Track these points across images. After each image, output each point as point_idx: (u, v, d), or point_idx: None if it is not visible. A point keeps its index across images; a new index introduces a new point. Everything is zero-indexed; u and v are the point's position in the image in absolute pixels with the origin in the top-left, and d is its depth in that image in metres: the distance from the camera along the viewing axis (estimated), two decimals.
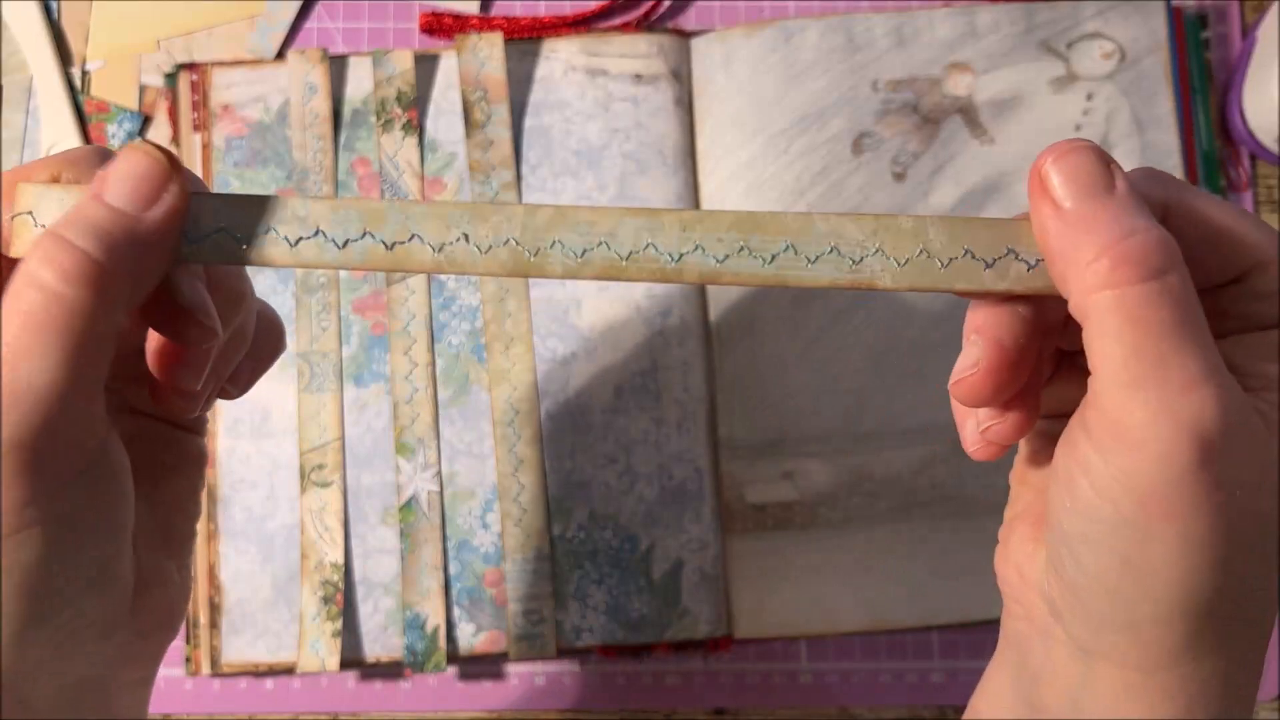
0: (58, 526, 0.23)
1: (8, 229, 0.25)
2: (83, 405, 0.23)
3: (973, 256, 0.25)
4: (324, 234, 0.25)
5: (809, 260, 0.25)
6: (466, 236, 0.25)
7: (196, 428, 0.30)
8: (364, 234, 0.25)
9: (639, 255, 0.25)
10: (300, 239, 0.25)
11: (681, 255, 0.25)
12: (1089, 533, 0.23)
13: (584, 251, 0.25)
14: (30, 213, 0.25)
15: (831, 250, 0.25)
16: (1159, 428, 0.21)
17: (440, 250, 0.25)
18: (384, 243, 0.25)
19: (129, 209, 0.24)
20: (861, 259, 0.25)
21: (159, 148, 0.24)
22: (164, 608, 0.27)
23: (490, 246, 0.25)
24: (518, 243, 0.25)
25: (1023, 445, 0.29)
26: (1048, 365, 0.27)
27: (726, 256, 0.25)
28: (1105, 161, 0.23)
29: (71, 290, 0.22)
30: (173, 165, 0.24)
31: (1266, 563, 0.23)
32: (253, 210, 0.25)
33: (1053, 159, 0.23)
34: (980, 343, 0.25)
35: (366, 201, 0.25)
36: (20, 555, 0.22)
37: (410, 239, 0.25)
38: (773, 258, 0.25)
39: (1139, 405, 0.22)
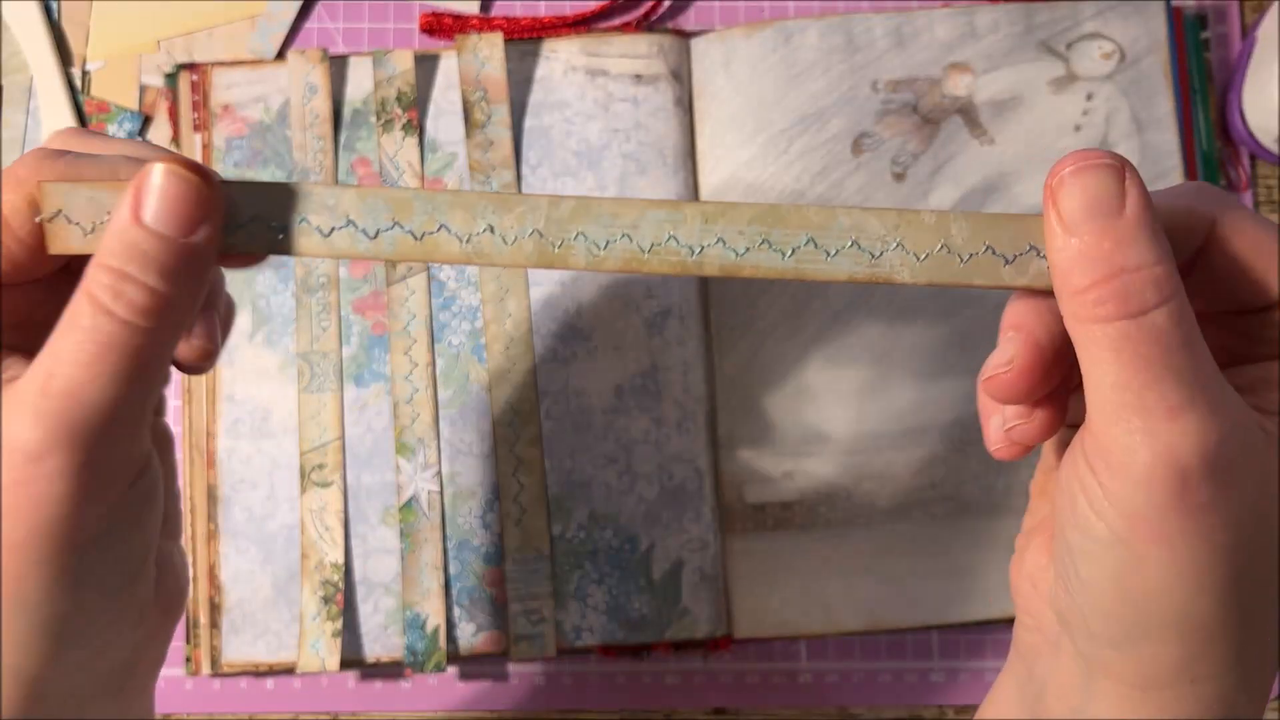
0: (111, 534, 0.25)
1: (17, 226, 0.25)
2: (141, 422, 0.25)
3: (993, 252, 0.25)
4: (354, 224, 0.26)
5: (828, 254, 0.25)
6: (492, 228, 0.26)
7: (159, 408, 0.31)
8: (393, 224, 0.26)
9: (660, 248, 0.26)
10: (333, 229, 0.26)
11: (702, 248, 0.25)
12: (1086, 548, 0.23)
13: (606, 243, 0.26)
14: (61, 212, 0.25)
15: (851, 244, 0.25)
16: (1139, 454, 0.22)
17: (468, 241, 0.26)
18: (413, 233, 0.26)
19: (178, 236, 0.24)
20: (881, 253, 0.25)
21: (190, 165, 0.25)
22: (175, 588, 0.29)
23: (516, 238, 0.26)
24: (542, 234, 0.26)
25: (1045, 456, 0.29)
26: (1077, 371, 0.27)
27: (747, 249, 0.25)
28: (1120, 179, 0.23)
29: (145, 322, 0.24)
30: (206, 181, 0.25)
31: (1271, 590, 0.23)
32: (285, 199, 0.26)
33: (1067, 172, 0.23)
34: (1017, 340, 0.25)
35: (392, 190, 0.26)
36: (79, 565, 0.24)
37: (438, 229, 0.26)
38: (792, 251, 0.25)
39: (1122, 432, 0.22)
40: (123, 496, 0.25)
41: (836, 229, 0.25)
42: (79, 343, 0.23)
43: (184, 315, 0.25)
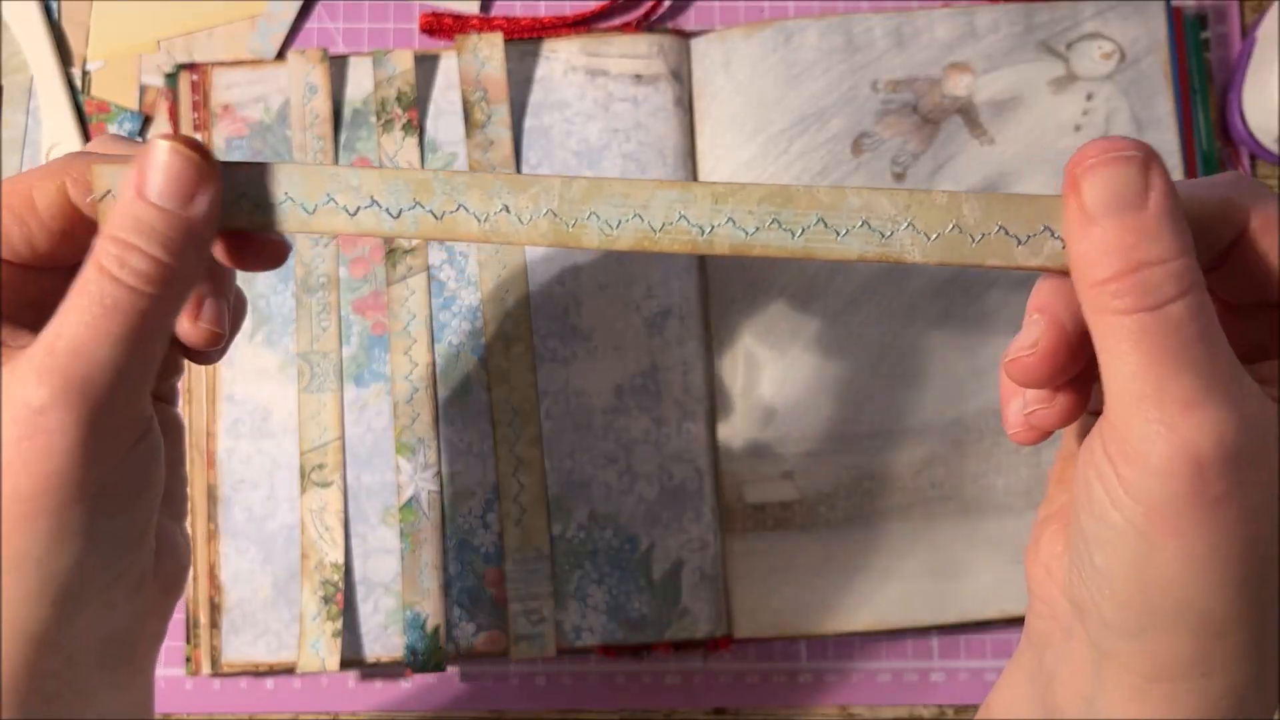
0: (113, 495, 0.26)
1: (45, 212, 0.27)
2: (142, 386, 0.26)
3: (1006, 233, 0.25)
4: (378, 204, 0.27)
5: (839, 234, 0.25)
6: (508, 208, 0.26)
7: (171, 399, 0.32)
8: (415, 204, 0.27)
9: (671, 227, 0.26)
10: (359, 209, 0.27)
11: (713, 227, 0.26)
12: (1102, 536, 0.23)
13: (619, 223, 0.26)
14: (110, 191, 0.27)
15: (862, 224, 0.25)
16: (1156, 445, 0.22)
17: (485, 221, 0.26)
18: (433, 213, 0.27)
19: (177, 209, 0.26)
20: (891, 233, 0.25)
21: (191, 143, 0.26)
22: (175, 567, 0.30)
23: (531, 217, 0.26)
24: (555, 214, 0.26)
25: (1065, 443, 0.29)
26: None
27: (757, 229, 0.26)
28: (1144, 171, 0.23)
29: (149, 289, 0.25)
30: (205, 159, 0.26)
31: None
32: (314, 180, 0.27)
33: (1090, 162, 0.23)
34: (1041, 323, 0.25)
35: (412, 171, 0.27)
36: (83, 522, 0.25)
37: (456, 209, 0.26)
38: (802, 231, 0.25)
39: (1139, 423, 0.22)
40: (124, 459, 0.26)
41: (846, 209, 0.25)
42: (84, 306, 0.25)
43: (185, 285, 0.26)
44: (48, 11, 0.49)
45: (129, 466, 0.26)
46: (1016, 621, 0.46)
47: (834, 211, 0.25)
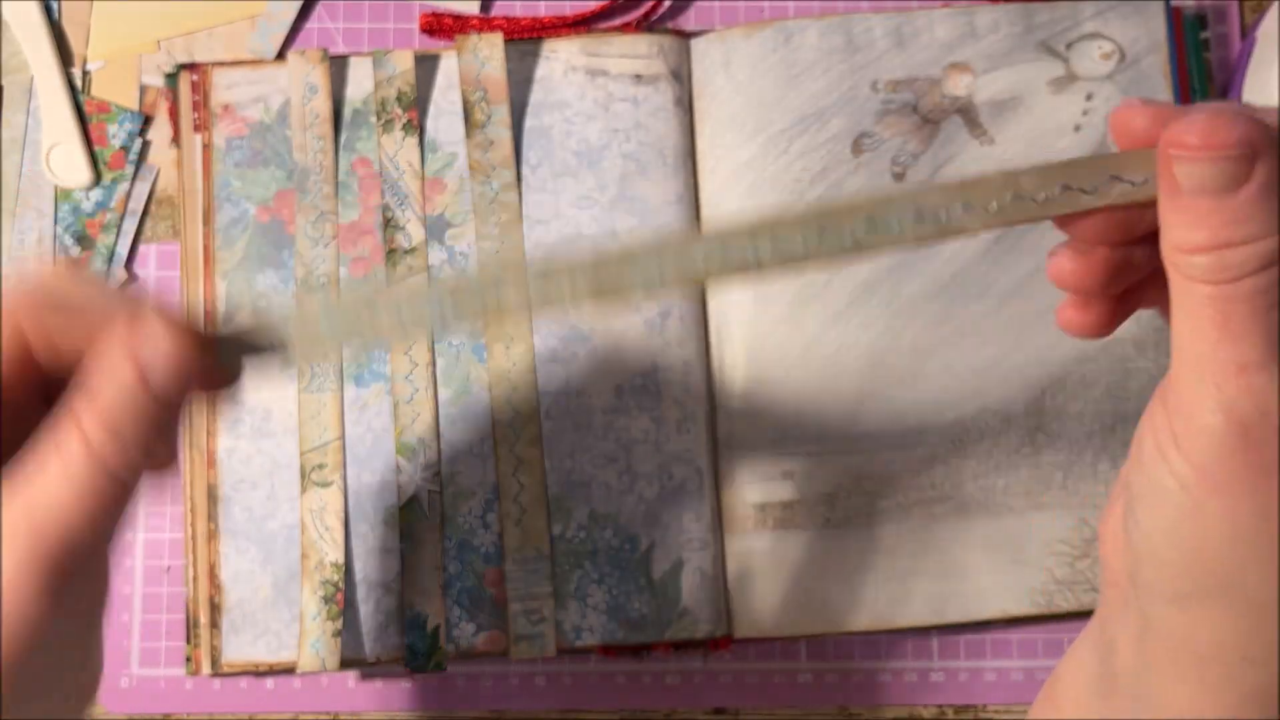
0: (65, 635, 0.26)
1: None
2: (106, 550, 0.27)
3: (1069, 188, 0.25)
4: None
5: (890, 229, 0.25)
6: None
7: None
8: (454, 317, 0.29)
9: (715, 261, 0.26)
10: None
11: (757, 251, 0.26)
12: (1146, 492, 0.23)
13: (661, 277, 0.27)
14: None
15: (914, 216, 0.25)
16: (1206, 403, 0.22)
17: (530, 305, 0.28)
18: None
19: (176, 399, 0.26)
20: (946, 217, 0.25)
21: (188, 333, 0.26)
22: (89, 678, 0.29)
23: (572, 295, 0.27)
24: (596, 290, 0.27)
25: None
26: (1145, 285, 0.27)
27: (804, 244, 0.26)
28: (1246, 165, 0.22)
29: (136, 475, 0.26)
30: (205, 349, 0.26)
31: None
32: (348, 322, 0.28)
33: (1184, 154, 0.23)
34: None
35: (426, 302, 0.28)
36: (26, 675, 0.25)
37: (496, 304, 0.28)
38: (851, 235, 0.25)
39: (1194, 380, 0.22)
40: (75, 606, 0.26)
41: (894, 206, 0.25)
42: (68, 483, 0.24)
43: (149, 456, 0.26)
44: (48, 11, 0.49)
45: (79, 621, 0.26)
46: (1016, 621, 0.46)
47: (881, 207, 0.25)
